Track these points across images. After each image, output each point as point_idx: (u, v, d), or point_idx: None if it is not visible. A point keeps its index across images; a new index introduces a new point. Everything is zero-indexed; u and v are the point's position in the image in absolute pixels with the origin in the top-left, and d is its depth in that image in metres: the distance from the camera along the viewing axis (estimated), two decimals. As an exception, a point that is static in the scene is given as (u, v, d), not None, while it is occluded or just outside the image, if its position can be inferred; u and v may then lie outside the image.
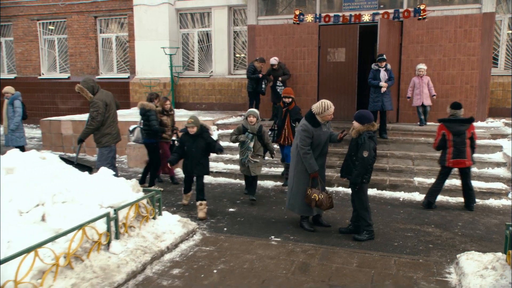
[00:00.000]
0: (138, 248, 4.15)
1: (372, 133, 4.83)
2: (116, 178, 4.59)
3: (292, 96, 6.99)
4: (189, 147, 5.82)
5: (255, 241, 4.79)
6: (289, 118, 6.93)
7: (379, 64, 8.29)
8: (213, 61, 13.01)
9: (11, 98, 8.73)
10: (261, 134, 6.24)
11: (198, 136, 5.79)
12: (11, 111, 8.70)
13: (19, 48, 14.99)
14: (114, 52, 14.37)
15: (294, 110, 6.97)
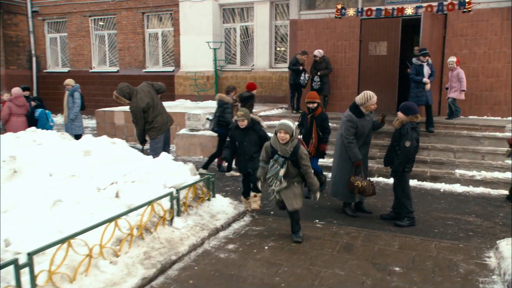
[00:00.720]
0: (196, 225, 4.61)
1: (415, 124, 5.04)
2: (175, 162, 5.07)
3: (318, 101, 6.17)
4: (241, 142, 5.47)
5: (301, 222, 5.14)
6: (316, 125, 6.15)
7: (422, 59, 8.30)
8: (254, 54, 13.40)
9: (71, 90, 9.47)
10: (296, 158, 4.40)
11: (249, 130, 5.40)
12: (71, 102, 9.45)
13: (73, 43, 15.96)
14: (160, 47, 15.04)
15: (320, 117, 6.15)
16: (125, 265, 3.65)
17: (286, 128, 4.33)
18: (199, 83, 13.38)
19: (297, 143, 4.40)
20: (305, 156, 4.42)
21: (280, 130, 4.36)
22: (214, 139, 9.07)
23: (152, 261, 3.82)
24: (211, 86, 13.23)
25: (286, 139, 4.35)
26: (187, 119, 9.45)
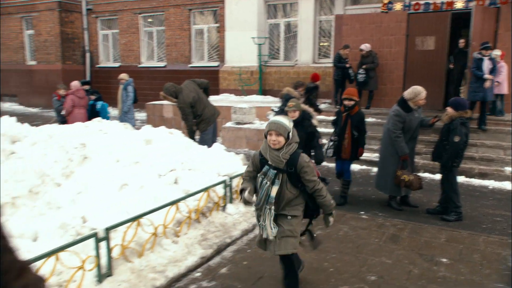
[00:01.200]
0: (247, 211, 4.88)
1: (464, 119, 5.05)
2: (227, 152, 5.36)
3: (356, 99, 5.54)
4: None
5: (346, 214, 5.30)
6: (351, 126, 5.53)
7: (483, 53, 8.02)
8: (298, 50, 13.52)
9: (125, 84, 10.03)
10: (293, 170, 3.03)
11: (298, 124, 4.74)
12: (125, 95, 10.01)
13: (123, 40, 16.72)
14: (205, 42, 15.46)
15: (357, 116, 5.53)
16: (185, 244, 3.97)
17: (278, 128, 2.93)
18: (243, 77, 13.68)
19: (296, 149, 3.03)
20: (308, 167, 3.00)
21: (270, 131, 2.96)
22: (260, 132, 9.35)
23: (208, 243, 4.13)
24: (255, 81, 13.50)
25: (279, 143, 2.95)
26: (233, 113, 9.77)
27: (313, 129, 5.11)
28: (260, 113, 10.29)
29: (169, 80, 16.05)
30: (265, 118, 10.20)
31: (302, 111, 5.04)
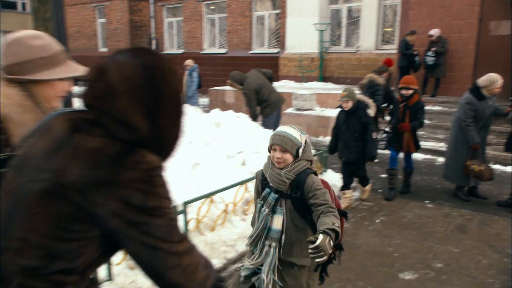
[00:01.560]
0: (311, 195, 5.01)
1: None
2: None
3: (414, 87, 5.18)
4: (340, 126, 4.96)
5: (410, 202, 5.27)
6: (409, 116, 5.21)
7: None
8: (360, 36, 13.24)
9: (190, 70, 10.45)
10: (299, 195, 2.23)
11: (351, 114, 4.79)
12: (189, 81, 10.44)
13: (187, 27, 17.28)
14: (266, 29, 15.58)
15: (415, 106, 5.18)
16: (252, 222, 4.19)
17: (284, 143, 2.21)
18: (304, 64, 13.67)
19: (306, 168, 2.26)
20: (320, 190, 2.16)
21: (273, 145, 2.26)
22: (320, 119, 9.39)
23: (274, 222, 4.32)
24: (315, 68, 13.45)
25: (284, 162, 2.24)
26: (294, 99, 9.85)
27: (368, 120, 4.76)
28: (320, 100, 10.29)
29: (230, 66, 16.45)
30: (326, 105, 10.20)
31: (357, 101, 4.78)
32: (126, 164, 1.03)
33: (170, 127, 1.16)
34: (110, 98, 1.06)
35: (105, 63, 1.09)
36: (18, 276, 1.04)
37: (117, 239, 1.08)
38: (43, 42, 1.56)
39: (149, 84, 1.09)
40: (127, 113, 1.06)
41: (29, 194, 1.04)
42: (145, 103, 1.08)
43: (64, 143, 1.05)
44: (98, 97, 1.08)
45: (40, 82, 1.57)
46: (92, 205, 1.01)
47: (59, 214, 1.02)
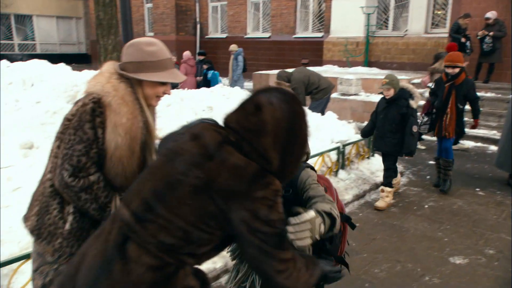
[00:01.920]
0: (358, 178, 5.07)
1: None
2: (340, 121, 5.54)
3: (461, 65, 4.73)
4: (378, 114, 4.64)
5: (460, 189, 5.20)
6: (455, 98, 4.76)
7: None
8: (409, 19, 12.83)
9: (236, 54, 10.60)
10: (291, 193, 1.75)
11: (392, 102, 4.43)
12: (235, 65, 10.60)
13: (231, 11, 17.38)
14: (311, 13, 15.41)
15: (463, 86, 4.74)
16: (302, 202, 4.32)
17: None
18: (349, 49, 13.46)
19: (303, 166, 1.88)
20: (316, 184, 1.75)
21: None
22: (365, 104, 9.30)
23: (323, 203, 4.42)
24: (360, 52, 13.22)
25: None
26: (339, 84, 9.79)
27: (409, 111, 4.34)
28: (366, 85, 10.15)
29: (273, 51, 16.47)
30: (371, 90, 10.06)
31: (400, 89, 4.43)
32: (261, 183, 1.27)
33: (294, 164, 1.39)
34: (259, 133, 1.30)
35: (262, 101, 1.32)
36: (153, 247, 1.26)
37: (238, 242, 1.33)
38: (154, 48, 1.75)
39: (290, 129, 1.33)
40: (267, 149, 1.31)
41: (183, 185, 1.27)
42: (283, 144, 1.32)
43: (216, 152, 1.29)
44: (247, 129, 1.32)
45: (143, 81, 1.76)
46: (229, 210, 1.25)
47: (203, 209, 1.26)
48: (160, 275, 1.25)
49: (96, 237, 1.38)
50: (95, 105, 1.65)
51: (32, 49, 22.36)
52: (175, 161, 1.32)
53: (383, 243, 3.82)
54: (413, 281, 3.22)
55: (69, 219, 1.72)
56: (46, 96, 7.17)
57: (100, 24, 5.65)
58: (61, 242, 1.72)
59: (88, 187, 1.66)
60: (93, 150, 1.66)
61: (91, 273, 1.28)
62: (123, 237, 1.29)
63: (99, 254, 1.30)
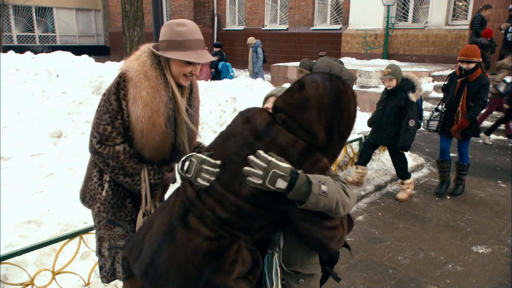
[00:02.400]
0: (380, 169, 5.12)
1: None
2: (361, 112, 5.57)
3: (476, 60, 4.24)
4: (378, 104, 4.60)
5: (482, 181, 5.21)
6: (467, 95, 4.35)
7: None
8: (429, 11, 12.69)
9: (255, 46, 10.65)
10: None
11: (392, 94, 4.32)
12: (255, 57, 10.66)
13: (249, 3, 17.39)
14: (329, 4, 15.33)
15: (477, 82, 4.28)
16: (324, 191, 4.40)
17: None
18: (368, 41, 13.39)
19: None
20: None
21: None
22: (384, 97, 9.26)
23: (345, 193, 4.49)
24: (379, 44, 13.13)
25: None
26: (359, 76, 9.78)
27: (407, 104, 4.18)
28: (385, 77, 10.12)
29: (291, 43, 16.45)
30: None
31: (403, 79, 4.27)
32: (309, 160, 1.33)
33: (340, 142, 1.44)
34: (303, 108, 1.37)
35: (305, 80, 1.41)
36: (210, 220, 1.37)
37: (291, 218, 1.38)
38: (183, 29, 1.82)
39: (334, 105, 1.37)
40: (312, 123, 1.36)
41: (235, 164, 1.36)
42: (327, 119, 1.37)
43: (265, 132, 1.37)
44: (292, 105, 1.39)
45: (170, 60, 1.85)
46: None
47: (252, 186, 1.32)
48: (215, 246, 1.37)
49: (162, 208, 1.51)
50: (120, 79, 1.79)
51: (52, 41, 22.76)
52: (228, 142, 1.43)
53: (406, 231, 3.88)
54: (436, 268, 3.28)
55: (106, 186, 1.87)
56: (71, 87, 7.36)
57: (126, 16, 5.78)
58: (99, 207, 1.88)
59: (114, 156, 1.78)
60: (118, 120, 1.78)
61: (156, 238, 1.42)
62: (185, 210, 1.42)
63: (164, 223, 1.43)
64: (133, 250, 1.49)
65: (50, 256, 2.79)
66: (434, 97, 9.30)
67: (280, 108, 1.43)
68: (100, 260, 2.02)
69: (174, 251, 1.37)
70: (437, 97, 9.20)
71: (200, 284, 1.36)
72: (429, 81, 9.93)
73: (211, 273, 1.35)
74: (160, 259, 1.38)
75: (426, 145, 6.93)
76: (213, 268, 1.36)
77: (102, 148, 1.78)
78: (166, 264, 1.37)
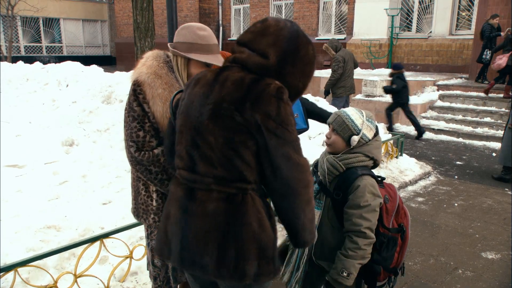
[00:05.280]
0: (388, 177, 5.17)
1: None
2: (369, 120, 5.65)
3: None
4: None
5: (490, 189, 5.25)
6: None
7: None
8: (433, 21, 12.82)
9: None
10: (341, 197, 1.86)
11: None
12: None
13: (253, 14, 17.61)
14: (333, 15, 15.51)
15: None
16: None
17: (335, 122, 1.92)
18: (372, 50, 13.51)
19: (358, 165, 1.86)
20: (364, 208, 1.77)
21: (328, 123, 1.98)
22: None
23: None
24: (383, 54, 13.25)
25: (333, 144, 1.94)
26: (364, 85, 9.87)
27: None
28: (390, 86, 10.20)
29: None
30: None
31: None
32: (260, 86, 1.39)
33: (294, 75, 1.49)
34: (262, 34, 1.47)
35: (269, 17, 1.53)
36: (213, 184, 1.45)
37: (262, 150, 1.41)
38: (205, 33, 1.92)
39: (291, 40, 1.47)
40: (267, 47, 1.45)
41: (202, 121, 1.44)
42: (283, 49, 1.45)
43: (215, 80, 1.47)
44: (253, 32, 1.50)
45: (191, 61, 1.93)
46: (245, 119, 1.38)
47: (228, 129, 1.40)
48: (231, 204, 1.44)
49: (168, 202, 1.59)
50: (135, 86, 1.86)
51: (59, 51, 23.06)
52: (190, 107, 1.50)
53: (415, 238, 3.92)
54: (446, 273, 3.32)
55: (154, 196, 1.94)
56: (81, 96, 7.48)
57: (138, 28, 5.91)
58: (153, 218, 1.95)
59: (155, 160, 1.84)
60: (146, 124, 1.85)
61: (177, 225, 1.51)
62: (189, 190, 1.49)
63: (176, 211, 1.52)
64: (163, 248, 1.57)
65: (70, 260, 2.86)
66: (439, 106, 9.37)
67: (240, 39, 1.53)
68: (154, 270, 2.08)
69: (196, 226, 1.45)
70: (442, 106, 9.28)
71: (231, 242, 1.43)
72: (434, 90, 10.00)
73: (239, 230, 1.43)
74: (188, 240, 1.46)
75: (432, 153, 6.99)
76: (237, 224, 1.43)
77: (142, 155, 1.83)
78: (195, 241, 1.45)
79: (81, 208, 3.69)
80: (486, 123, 8.33)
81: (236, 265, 1.43)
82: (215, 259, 1.43)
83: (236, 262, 1.43)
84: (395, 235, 1.87)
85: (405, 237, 1.90)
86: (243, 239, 1.43)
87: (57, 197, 4.10)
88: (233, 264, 1.42)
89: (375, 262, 1.83)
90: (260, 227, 1.45)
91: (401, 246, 1.91)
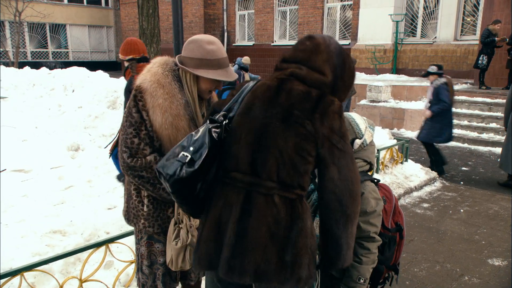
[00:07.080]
0: (393, 182, 5.15)
1: None
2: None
3: None
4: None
5: (496, 195, 5.22)
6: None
7: None
8: (438, 26, 12.81)
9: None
10: None
11: None
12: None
13: (258, 19, 17.68)
14: (338, 20, 15.54)
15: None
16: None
17: None
18: (377, 56, 13.51)
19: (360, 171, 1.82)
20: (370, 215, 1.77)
21: None
22: (395, 111, 9.34)
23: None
24: (388, 59, 13.25)
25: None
26: (368, 91, 9.87)
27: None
28: (395, 92, 10.20)
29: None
30: (400, 97, 10.09)
31: None
32: (326, 101, 1.48)
33: (343, 90, 1.59)
34: (315, 52, 1.54)
35: (313, 34, 1.62)
36: (276, 189, 1.47)
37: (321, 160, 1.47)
38: (214, 47, 1.87)
39: (339, 55, 1.56)
40: (323, 64, 1.53)
41: (270, 125, 1.47)
42: (334, 65, 1.54)
43: (279, 88, 1.52)
44: (305, 50, 1.56)
45: (200, 77, 1.89)
46: (316, 129, 1.45)
47: (297, 134, 1.45)
48: (293, 209, 1.48)
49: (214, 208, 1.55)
50: (136, 91, 1.84)
51: (65, 56, 23.25)
52: (251, 111, 1.52)
53: (421, 244, 3.90)
54: (452, 280, 3.30)
55: (145, 201, 1.93)
56: (87, 101, 7.53)
57: (144, 33, 5.95)
58: (143, 223, 1.93)
59: (147, 166, 1.82)
60: (142, 131, 1.83)
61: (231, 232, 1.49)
62: (246, 193, 1.49)
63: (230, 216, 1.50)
64: (201, 260, 1.57)
65: (75, 265, 2.87)
66: (444, 111, 9.33)
67: (289, 57, 1.59)
68: (142, 278, 2.05)
69: (255, 230, 1.45)
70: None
71: (289, 247, 1.46)
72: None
73: (297, 235, 1.47)
74: (243, 246, 1.46)
75: (437, 159, 6.94)
76: (296, 229, 1.47)
77: (134, 161, 1.82)
78: (251, 246, 1.45)
79: (87, 213, 3.70)
80: (491, 129, 8.29)
81: (293, 270, 1.47)
82: (274, 264, 1.46)
83: (292, 267, 1.47)
84: (394, 234, 1.95)
85: (402, 234, 1.99)
86: (299, 244, 1.48)
87: (62, 202, 4.12)
88: (290, 269, 1.47)
89: (379, 262, 1.90)
90: (311, 232, 1.53)
91: (399, 244, 1.99)
